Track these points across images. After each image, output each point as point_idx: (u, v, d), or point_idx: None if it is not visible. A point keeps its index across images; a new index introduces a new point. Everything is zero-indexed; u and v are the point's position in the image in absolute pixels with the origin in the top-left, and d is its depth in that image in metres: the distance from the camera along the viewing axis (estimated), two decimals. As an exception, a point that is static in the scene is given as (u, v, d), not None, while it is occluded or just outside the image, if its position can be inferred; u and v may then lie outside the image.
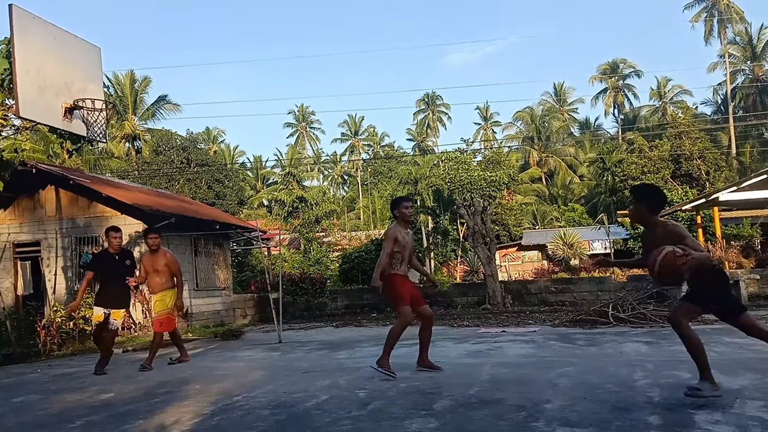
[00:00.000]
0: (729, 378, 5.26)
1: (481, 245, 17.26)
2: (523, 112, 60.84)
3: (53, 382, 7.16)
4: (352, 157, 67.95)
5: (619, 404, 4.45)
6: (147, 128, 46.46)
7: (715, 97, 55.27)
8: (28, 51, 8.22)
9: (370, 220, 49.82)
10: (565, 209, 47.24)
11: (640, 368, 6.00)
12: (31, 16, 8.32)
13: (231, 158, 60.65)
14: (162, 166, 40.99)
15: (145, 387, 6.34)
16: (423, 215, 37.00)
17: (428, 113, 66.07)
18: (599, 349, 7.93)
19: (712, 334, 8.87)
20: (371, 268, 22.16)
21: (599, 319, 10.89)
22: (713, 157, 40.87)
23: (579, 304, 15.49)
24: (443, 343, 9.31)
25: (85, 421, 4.85)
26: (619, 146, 49.98)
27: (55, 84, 8.73)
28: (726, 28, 50.03)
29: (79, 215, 14.00)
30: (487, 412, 4.40)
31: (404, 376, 6.18)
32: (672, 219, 27.24)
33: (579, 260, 30.01)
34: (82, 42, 9.39)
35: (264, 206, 58.72)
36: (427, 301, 6.98)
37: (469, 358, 7.55)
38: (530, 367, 6.56)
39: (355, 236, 38.44)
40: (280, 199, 45.50)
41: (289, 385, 5.94)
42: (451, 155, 40.65)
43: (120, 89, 44.21)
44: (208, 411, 4.92)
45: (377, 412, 4.58)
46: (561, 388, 5.17)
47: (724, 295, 4.48)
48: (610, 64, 58.36)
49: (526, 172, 53.85)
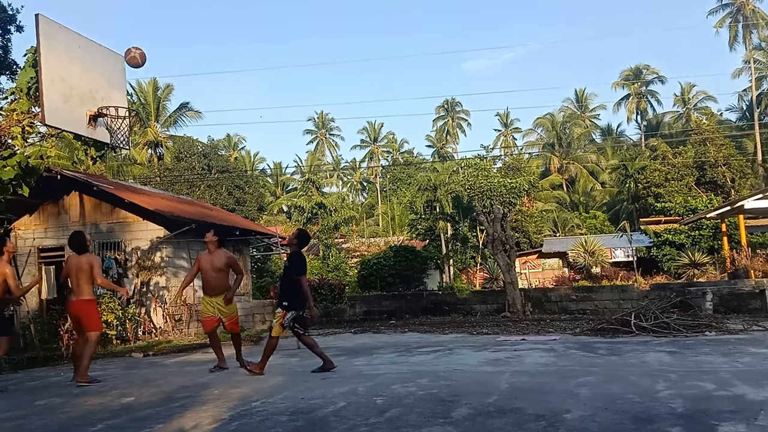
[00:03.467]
0: (754, 389, 5.15)
1: (501, 252, 17.15)
2: (544, 119, 60.46)
3: (74, 386, 7.25)
4: (371, 163, 68.12)
5: (641, 415, 4.37)
6: (169, 135, 47.08)
7: (740, 103, 54.43)
8: (53, 60, 8.40)
9: (389, 227, 49.84)
10: (587, 216, 46.78)
11: (663, 378, 5.90)
12: (57, 25, 8.50)
13: (251, 165, 61.16)
14: (183, 172, 41.45)
15: (165, 391, 6.39)
16: (442, 222, 36.90)
17: (448, 120, 65.99)
18: (621, 358, 7.81)
19: (737, 344, 8.70)
20: (390, 274, 22.30)
21: (621, 328, 10.73)
22: (738, 164, 40.21)
23: (600, 313, 15.29)
24: (462, 350, 9.25)
25: (106, 424, 4.90)
26: (641, 153, 49.41)
27: (80, 92, 8.89)
28: (751, 34, 49.26)
29: (102, 221, 14.21)
30: (506, 421, 4.35)
31: (422, 383, 6.15)
32: (696, 226, 26.85)
33: (600, 268, 29.67)
34: (106, 50, 9.57)
35: (283, 212, 59.07)
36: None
37: (488, 366, 7.48)
38: (550, 376, 6.48)
39: (374, 242, 38.47)
40: (299, 206, 45.78)
41: (307, 392, 5.95)
42: (470, 162, 40.58)
43: (143, 97, 44.90)
44: (227, 416, 4.95)
45: (395, 420, 4.55)
46: (581, 398, 5.10)
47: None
48: (633, 70, 57.79)
49: (547, 178, 53.47)
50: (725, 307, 14.58)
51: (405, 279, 22.18)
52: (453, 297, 18.40)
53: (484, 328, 13.23)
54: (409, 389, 5.82)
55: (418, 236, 37.79)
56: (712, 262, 23.46)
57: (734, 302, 14.92)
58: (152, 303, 13.59)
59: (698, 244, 26.18)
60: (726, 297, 15.09)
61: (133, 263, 13.83)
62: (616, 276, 27.15)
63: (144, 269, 13.77)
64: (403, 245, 26.70)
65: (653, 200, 39.14)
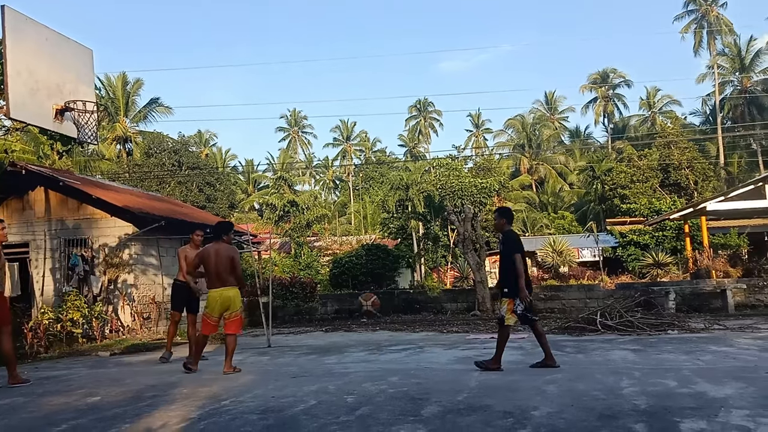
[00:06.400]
0: (714, 387, 5.31)
1: (471, 251, 17.31)
2: (515, 120, 61.16)
3: (39, 384, 7.11)
4: (344, 162, 68.01)
5: (606, 412, 4.49)
6: (138, 130, 46.28)
7: (704, 107, 55.84)
8: (20, 52, 8.21)
9: (361, 225, 49.82)
10: (555, 217, 47.47)
11: (627, 376, 6.05)
12: (24, 17, 8.31)
13: (223, 162, 60.58)
14: (153, 168, 40.85)
15: (133, 390, 6.30)
16: (414, 221, 37.04)
17: (420, 119, 66.26)
18: (587, 356, 7.99)
19: (699, 342, 8.96)
20: (362, 273, 22.28)
21: (587, 327, 10.95)
22: (701, 166, 41.26)
23: (568, 312, 15.54)
24: (433, 349, 9.33)
25: (71, 424, 4.82)
26: (608, 155, 50.36)
27: (47, 85, 8.71)
28: (715, 40, 50.56)
29: (69, 217, 13.91)
30: (475, 419, 4.42)
31: (393, 381, 6.19)
32: (660, 227, 27.47)
33: (568, 267, 30.15)
34: (74, 44, 9.39)
35: (255, 210, 58.61)
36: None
37: (458, 364, 7.57)
38: (519, 373, 6.59)
39: (346, 241, 38.40)
40: (271, 203, 45.42)
41: (278, 390, 5.94)
42: (442, 161, 40.84)
43: (112, 91, 44.06)
44: (196, 415, 4.91)
45: (365, 418, 4.59)
46: (549, 395, 5.20)
47: None
48: (600, 74, 58.81)
49: (517, 179, 54.09)
50: (687, 306, 14.96)
51: (377, 277, 22.20)
52: (424, 295, 18.50)
53: (454, 326, 13.34)
54: (380, 387, 5.85)
55: (390, 235, 37.87)
56: (675, 262, 24.03)
57: (696, 301, 15.32)
58: (120, 301, 13.37)
59: (662, 245, 26.77)
60: (688, 296, 15.49)
61: (101, 260, 13.58)
62: (583, 275, 27.63)
63: (112, 266, 13.53)
64: (375, 244, 26.70)
65: (619, 201, 39.92)
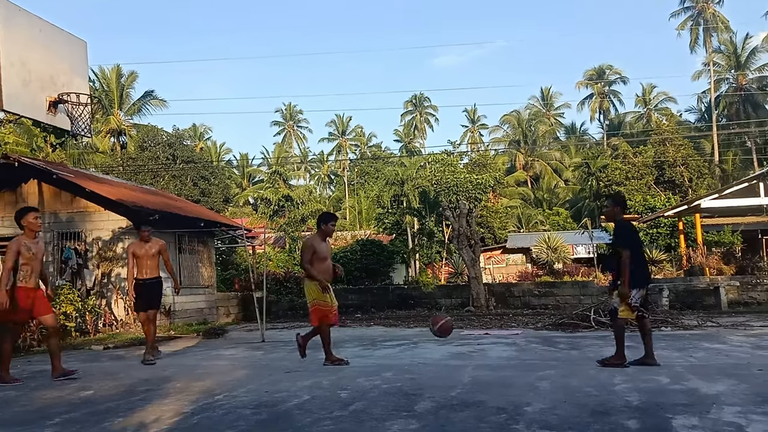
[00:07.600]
0: (707, 383, 5.33)
1: (466, 247, 17.33)
2: (510, 116, 61.14)
3: (32, 378, 7.08)
4: (339, 156, 67.87)
5: (599, 408, 4.50)
6: (133, 123, 46.04)
7: (699, 105, 55.92)
8: (12, 43, 8.14)
9: (356, 221, 49.77)
10: (550, 213, 47.59)
11: (620, 372, 6.06)
12: (16, 8, 8.24)
13: (217, 156, 60.35)
14: (147, 162, 40.68)
15: (126, 385, 6.29)
16: (409, 216, 37.05)
17: (416, 115, 66.14)
18: (580, 352, 8.01)
19: (692, 339, 9.00)
20: (356, 268, 22.29)
21: (581, 323, 10.98)
22: (696, 164, 41.41)
23: (562, 308, 15.60)
24: (426, 344, 9.33)
25: (64, 418, 4.80)
26: (603, 152, 50.43)
27: (40, 77, 8.65)
28: (711, 37, 50.61)
29: (62, 210, 13.84)
30: (468, 414, 4.42)
31: (387, 377, 6.20)
32: (654, 224, 27.56)
33: (563, 264, 30.24)
34: (68, 35, 9.32)
35: (250, 204, 58.47)
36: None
37: (452, 360, 7.58)
38: (512, 369, 6.60)
39: (341, 236, 38.35)
40: (266, 198, 45.33)
41: (271, 385, 5.93)
42: (437, 157, 40.86)
43: (106, 84, 43.78)
44: (189, 409, 4.90)
45: (359, 413, 4.59)
46: (542, 391, 5.21)
47: None
48: (596, 70, 58.83)
49: (512, 175, 54.14)
50: (681, 303, 15.03)
51: (371, 273, 22.23)
52: (418, 291, 18.54)
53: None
54: (374, 382, 5.85)
55: (385, 230, 37.88)
56: (669, 259, 24.12)
57: (689, 299, 15.39)
58: (113, 294, 13.33)
59: (656, 242, 26.87)
60: (682, 293, 15.56)
61: (94, 254, 13.53)
62: (577, 272, 27.74)
63: (105, 260, 13.49)
64: (369, 239, 26.72)
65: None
